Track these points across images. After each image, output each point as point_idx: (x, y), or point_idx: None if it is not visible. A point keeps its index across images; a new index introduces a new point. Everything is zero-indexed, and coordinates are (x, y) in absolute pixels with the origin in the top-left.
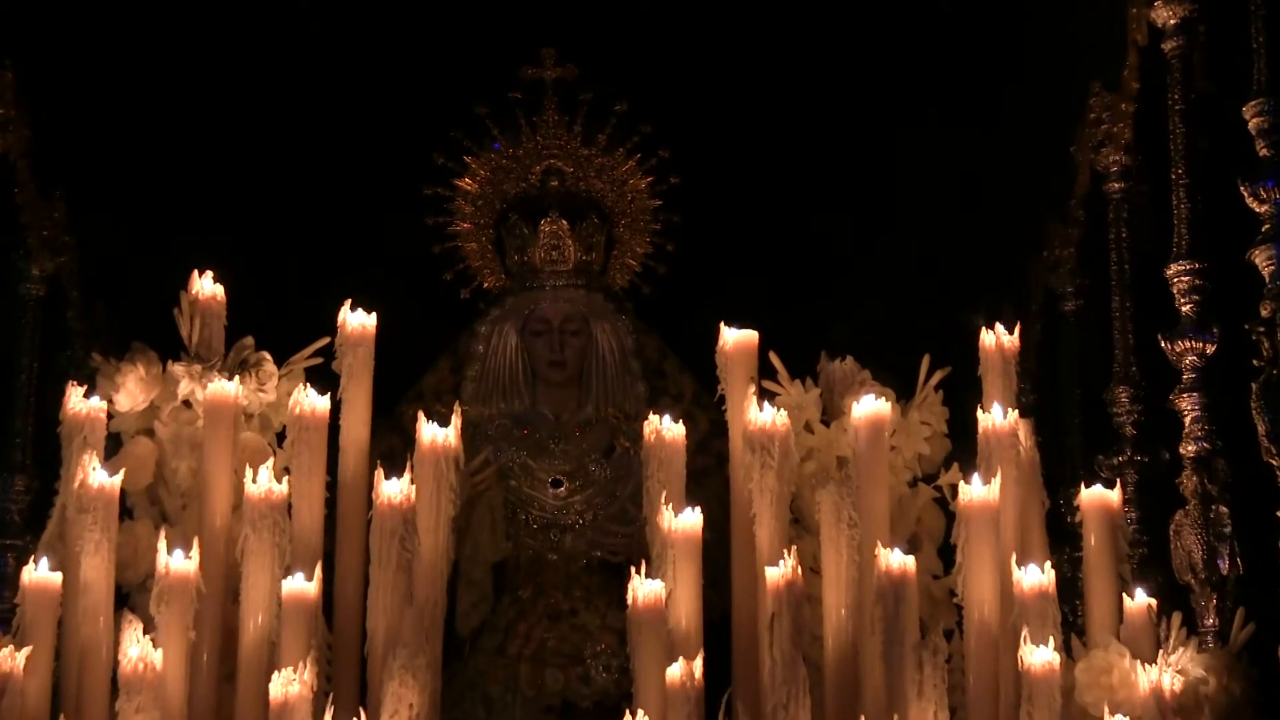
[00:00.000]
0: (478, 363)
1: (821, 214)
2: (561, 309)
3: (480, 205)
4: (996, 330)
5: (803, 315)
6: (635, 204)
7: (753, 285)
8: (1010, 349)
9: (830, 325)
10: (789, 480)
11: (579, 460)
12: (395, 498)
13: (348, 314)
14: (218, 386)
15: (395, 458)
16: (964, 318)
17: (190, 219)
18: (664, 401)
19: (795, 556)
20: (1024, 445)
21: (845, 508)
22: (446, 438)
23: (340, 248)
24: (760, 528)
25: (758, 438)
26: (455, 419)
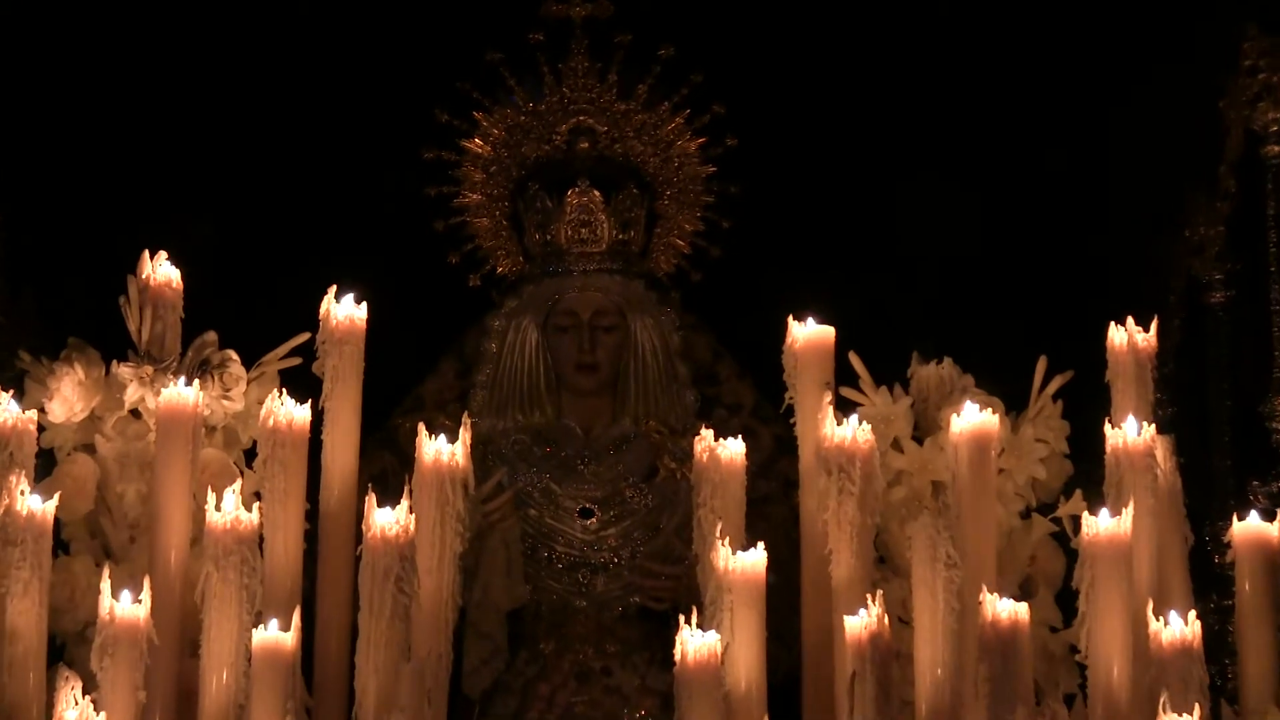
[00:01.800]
0: (490, 365)
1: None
2: (592, 300)
3: (494, 172)
4: (1129, 327)
5: (889, 309)
6: (683, 171)
7: (827, 272)
8: (1145, 350)
9: (923, 321)
10: (873, 510)
11: (614, 485)
12: (390, 530)
13: (332, 305)
14: (173, 393)
15: (389, 481)
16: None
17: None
18: (718, 413)
19: (881, 604)
20: (1162, 468)
21: (942, 544)
22: (452, 456)
23: (323, 224)
24: (837, 568)
25: (834, 458)
26: (463, 433)
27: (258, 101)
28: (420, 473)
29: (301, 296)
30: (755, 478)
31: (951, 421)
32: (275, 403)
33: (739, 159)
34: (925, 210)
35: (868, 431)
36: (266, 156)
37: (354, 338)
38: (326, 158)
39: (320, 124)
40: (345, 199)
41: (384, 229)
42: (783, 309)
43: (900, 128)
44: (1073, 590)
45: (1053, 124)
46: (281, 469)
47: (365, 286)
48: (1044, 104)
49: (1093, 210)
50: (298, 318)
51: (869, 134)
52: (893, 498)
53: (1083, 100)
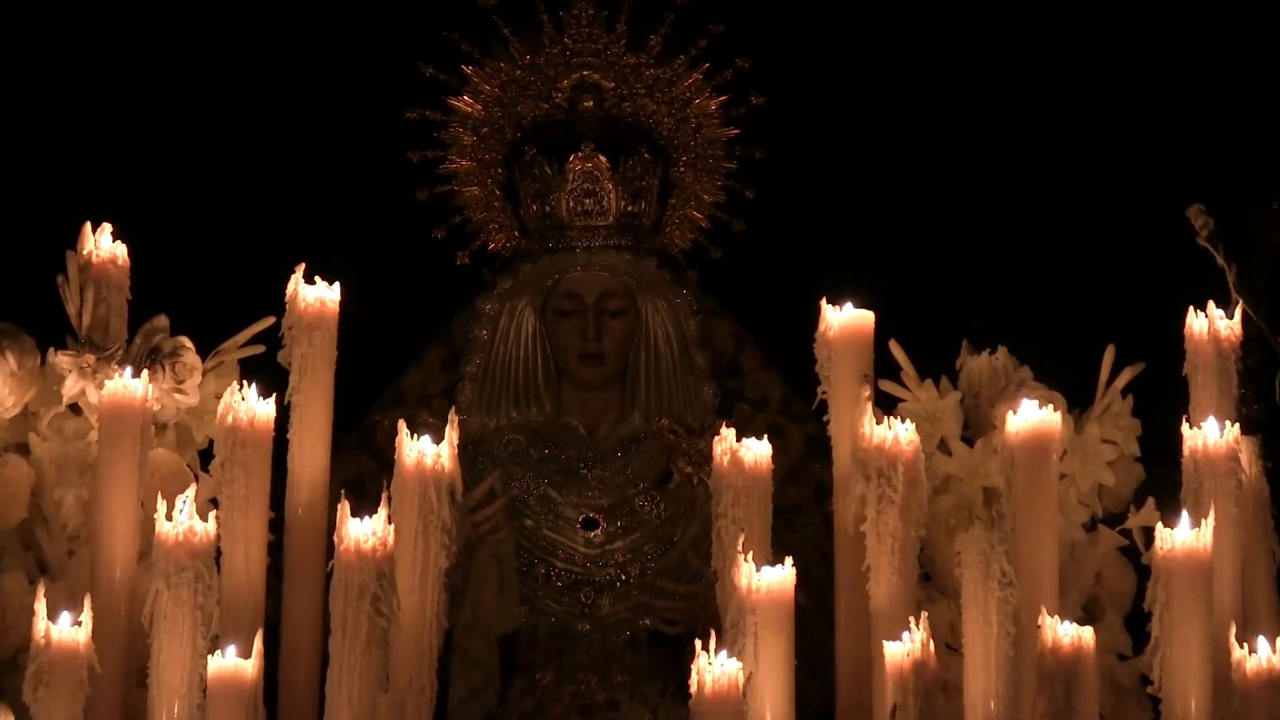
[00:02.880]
0: (480, 355)
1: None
2: (598, 280)
3: (485, 135)
4: (1209, 313)
5: (935, 291)
6: (702, 134)
7: (865, 249)
8: (1228, 340)
9: (974, 305)
10: (916, 521)
11: (621, 492)
12: (366, 543)
13: (300, 285)
14: (118, 385)
15: (366, 486)
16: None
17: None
18: (741, 410)
19: (926, 627)
20: (1247, 473)
21: (996, 559)
22: (437, 459)
23: (290, 194)
24: (876, 587)
25: (874, 461)
26: (450, 433)
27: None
28: (401, 477)
29: (265, 276)
30: (783, 483)
31: (1007, 420)
32: (235, 397)
33: (765, 120)
34: (976, 180)
35: (911, 431)
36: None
37: (325, 323)
38: (294, 118)
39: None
40: (315, 165)
41: (360, 199)
42: (815, 291)
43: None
44: (1144, 612)
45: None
46: (242, 472)
47: (338, 264)
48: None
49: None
50: (261, 300)
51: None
52: (939, 507)
53: (1154, 54)
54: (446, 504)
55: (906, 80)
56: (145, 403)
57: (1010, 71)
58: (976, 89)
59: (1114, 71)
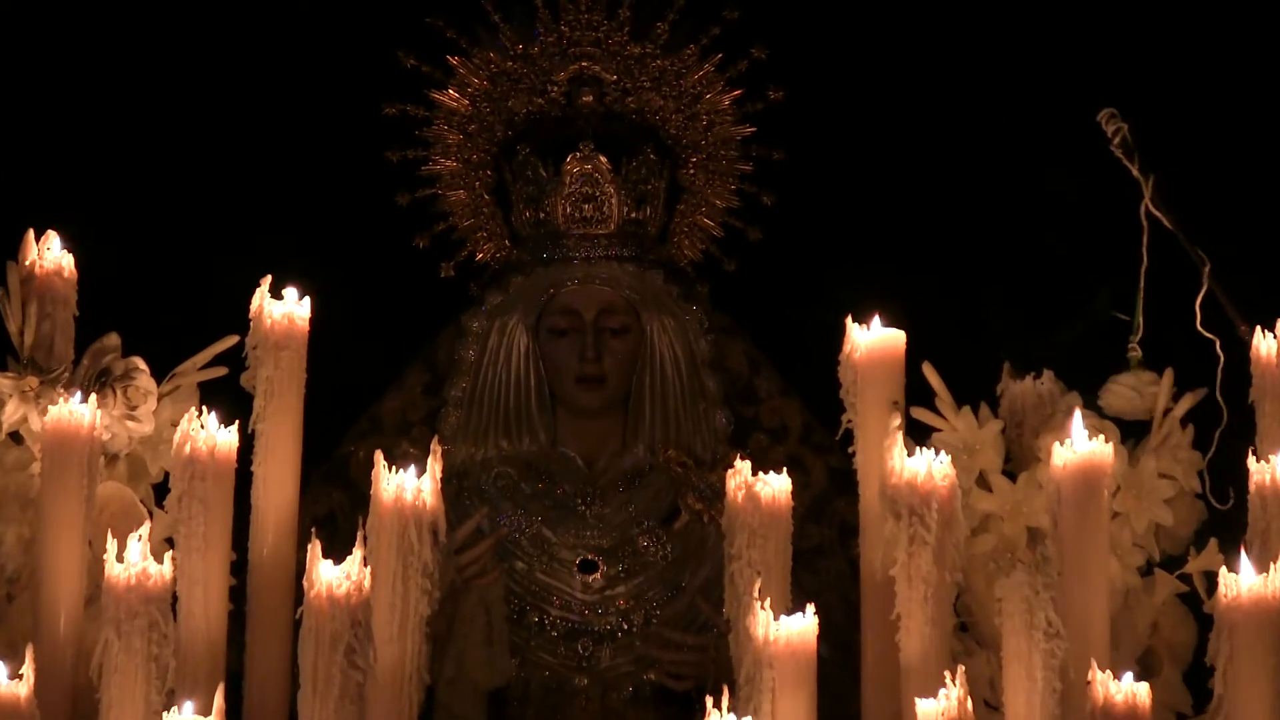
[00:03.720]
0: (467, 378)
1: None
2: (598, 295)
3: (473, 133)
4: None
5: (972, 308)
6: (714, 132)
7: (894, 260)
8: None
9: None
10: (952, 564)
11: (623, 531)
12: (339, 587)
13: (266, 300)
14: (64, 411)
15: (339, 524)
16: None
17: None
18: (757, 439)
19: (963, 683)
20: None
21: (1041, 607)
22: (418, 494)
23: (255, 198)
24: (908, 637)
25: (905, 498)
26: (433, 464)
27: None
28: (378, 515)
29: (228, 289)
30: (804, 522)
31: (1053, 452)
32: (194, 424)
33: (785, 117)
34: (1014, 183)
35: (947, 464)
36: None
37: (294, 342)
38: (261, 114)
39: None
40: (284, 167)
41: (333, 205)
42: (839, 308)
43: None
44: (1206, 667)
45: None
46: (201, 508)
47: (309, 277)
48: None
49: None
50: (223, 317)
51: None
52: (978, 549)
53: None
54: (428, 544)
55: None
56: (93, 431)
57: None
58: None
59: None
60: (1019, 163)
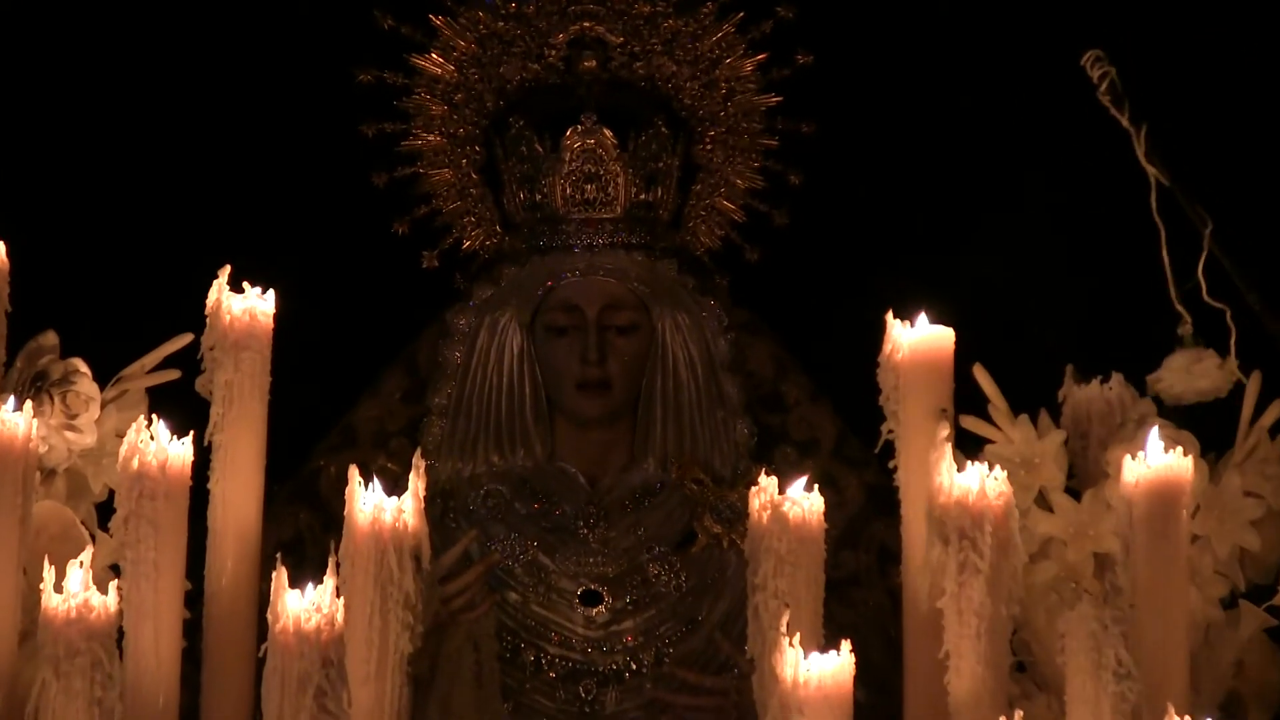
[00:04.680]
0: (453, 383)
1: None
2: (602, 288)
3: (459, 103)
4: None
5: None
6: (734, 102)
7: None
8: None
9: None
10: (1008, 595)
11: (631, 557)
12: (307, 621)
13: (224, 294)
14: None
15: (307, 550)
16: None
17: None
18: (784, 453)
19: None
20: None
21: (1110, 644)
22: (399, 516)
23: (210, 179)
24: (957, 679)
25: (954, 519)
26: (415, 482)
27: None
28: (352, 539)
29: (181, 282)
30: (838, 547)
31: (1124, 466)
32: (142, 435)
33: (814, 84)
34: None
35: (1002, 480)
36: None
37: (256, 341)
38: (216, 83)
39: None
40: (243, 143)
41: (300, 186)
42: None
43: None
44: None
45: None
46: (151, 531)
47: (273, 268)
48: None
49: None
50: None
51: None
52: (1037, 577)
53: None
54: (410, 572)
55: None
56: (28, 443)
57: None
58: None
59: None
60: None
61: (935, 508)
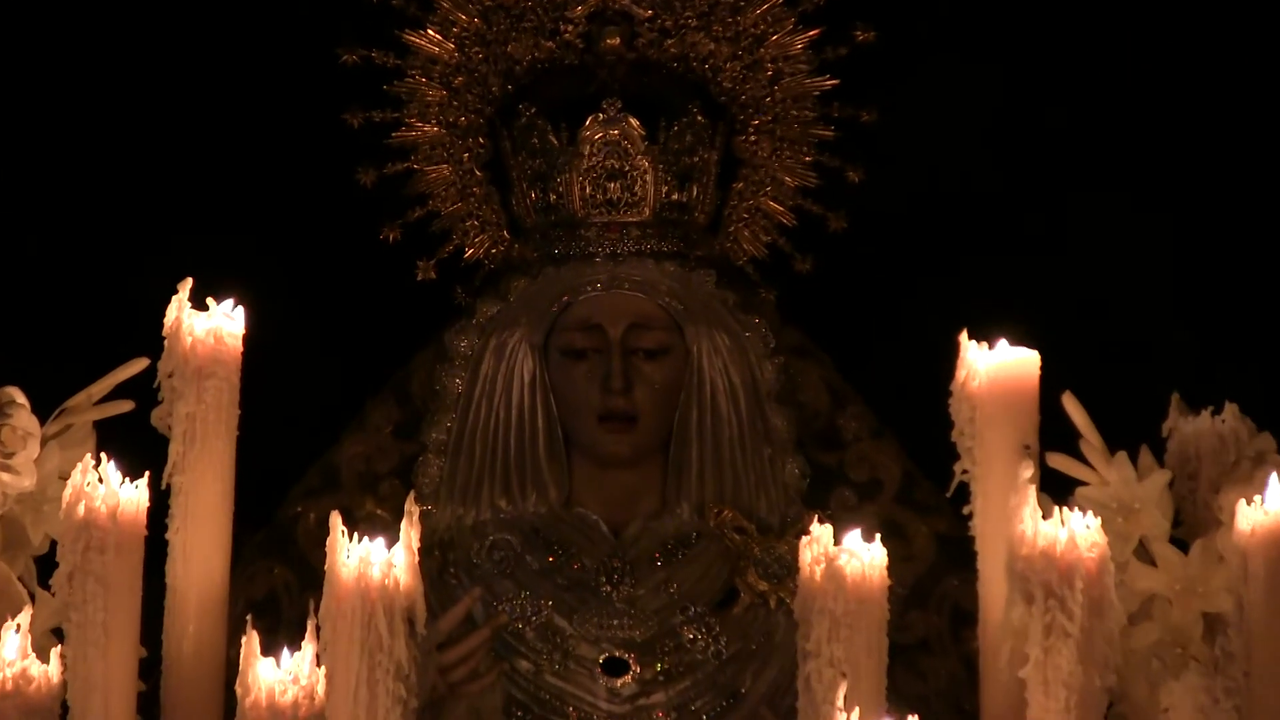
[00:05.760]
0: (452, 415)
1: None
2: (627, 305)
3: (460, 88)
4: None
5: (1126, 319)
6: (783, 86)
7: (1023, 256)
8: None
9: (1184, 340)
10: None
11: (662, 620)
12: (283, 694)
13: (186, 312)
14: None
15: (282, 611)
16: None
17: None
18: (842, 497)
19: None
20: None
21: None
22: (389, 572)
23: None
24: None
25: (1039, 574)
26: (408, 532)
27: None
28: (335, 598)
29: (135, 299)
30: (905, 607)
31: (1239, 513)
32: (89, 477)
33: (877, 66)
34: (1179, 147)
35: (1096, 529)
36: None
37: (223, 368)
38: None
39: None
40: (209, 136)
41: (274, 185)
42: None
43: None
44: None
45: None
46: (100, 589)
47: (243, 281)
48: None
49: None
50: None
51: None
52: (1137, 642)
53: None
54: (402, 638)
55: None
56: None
57: None
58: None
59: None
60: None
61: (1017, 561)
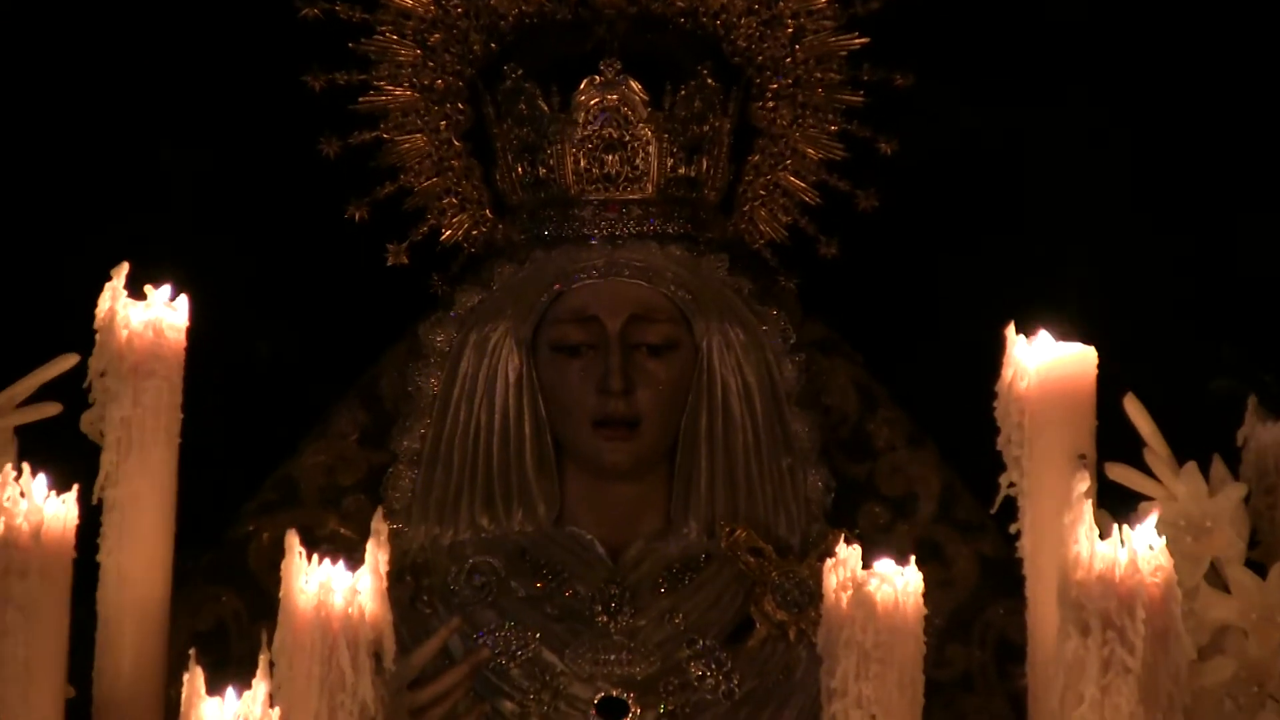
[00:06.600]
0: (427, 421)
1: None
2: (628, 294)
3: (437, 46)
4: None
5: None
6: (804, 46)
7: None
8: None
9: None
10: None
11: (666, 655)
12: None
13: (120, 301)
14: None
15: (231, 643)
16: None
17: None
18: (871, 513)
19: None
20: None
21: None
22: (353, 599)
23: (100, 143)
24: None
25: (1096, 602)
26: (375, 553)
27: None
28: (291, 629)
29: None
30: (943, 639)
31: None
32: (9, 491)
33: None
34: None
35: (1161, 551)
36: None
37: (164, 366)
38: (109, 11)
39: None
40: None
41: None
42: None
43: None
44: None
45: None
46: (21, 619)
47: (186, 266)
48: None
49: None
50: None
51: None
52: (1208, 679)
53: None
54: (368, 675)
55: None
56: None
57: None
58: None
59: None
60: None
61: (1071, 586)
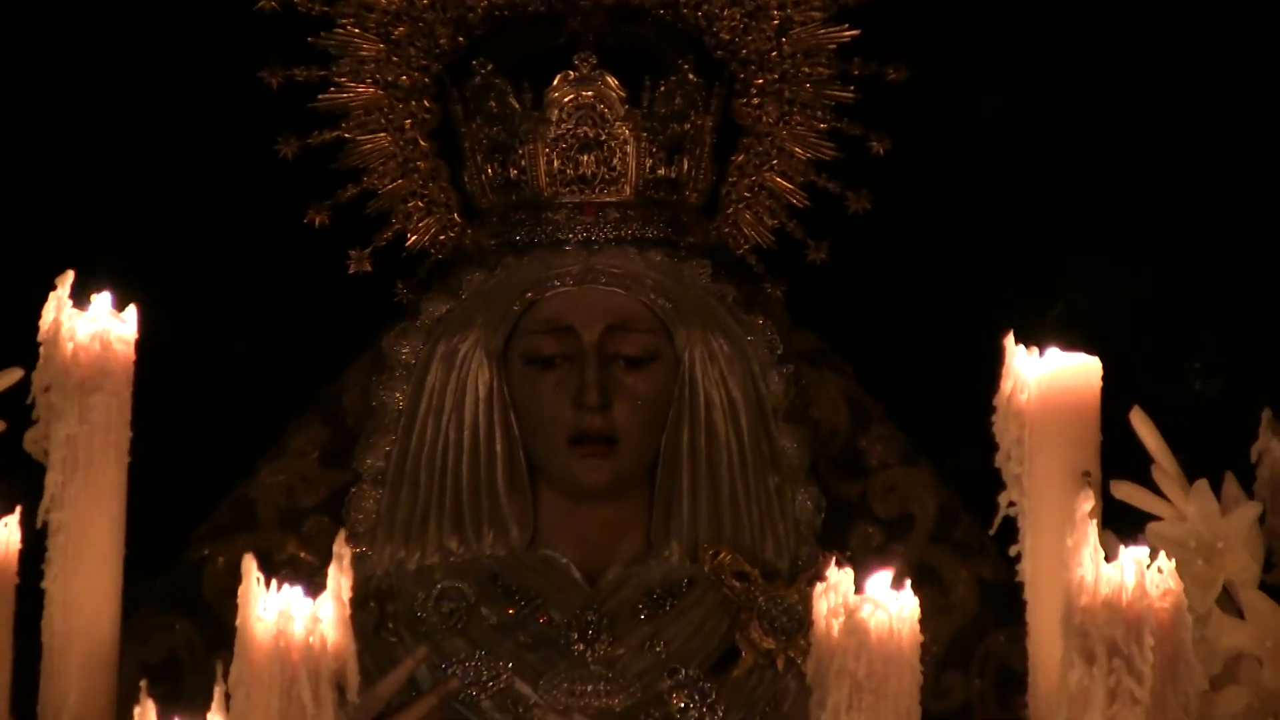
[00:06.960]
0: (392, 438)
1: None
2: (605, 303)
3: (402, 39)
4: None
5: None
6: (791, 39)
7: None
8: None
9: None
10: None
11: (646, 685)
12: None
13: (66, 311)
14: None
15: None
16: None
17: None
18: (865, 535)
19: None
20: None
21: None
22: (314, 628)
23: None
24: None
25: (1101, 627)
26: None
27: None
28: (248, 660)
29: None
30: (942, 668)
31: None
32: None
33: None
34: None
35: (1170, 574)
36: None
37: (111, 381)
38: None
39: None
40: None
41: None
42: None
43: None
44: None
45: None
46: None
47: (137, 275)
48: None
49: None
50: None
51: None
52: (1221, 709)
53: None
54: (330, 707)
55: None
56: None
57: None
58: None
59: None
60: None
61: (1076, 612)
